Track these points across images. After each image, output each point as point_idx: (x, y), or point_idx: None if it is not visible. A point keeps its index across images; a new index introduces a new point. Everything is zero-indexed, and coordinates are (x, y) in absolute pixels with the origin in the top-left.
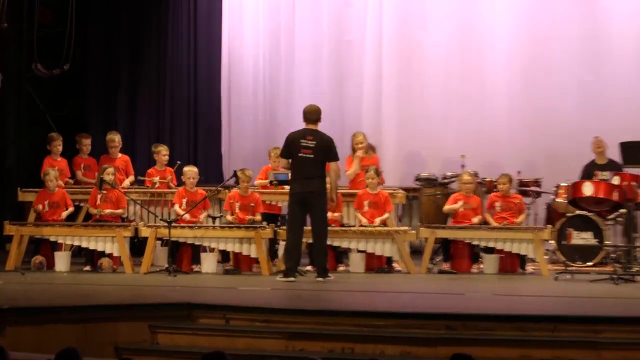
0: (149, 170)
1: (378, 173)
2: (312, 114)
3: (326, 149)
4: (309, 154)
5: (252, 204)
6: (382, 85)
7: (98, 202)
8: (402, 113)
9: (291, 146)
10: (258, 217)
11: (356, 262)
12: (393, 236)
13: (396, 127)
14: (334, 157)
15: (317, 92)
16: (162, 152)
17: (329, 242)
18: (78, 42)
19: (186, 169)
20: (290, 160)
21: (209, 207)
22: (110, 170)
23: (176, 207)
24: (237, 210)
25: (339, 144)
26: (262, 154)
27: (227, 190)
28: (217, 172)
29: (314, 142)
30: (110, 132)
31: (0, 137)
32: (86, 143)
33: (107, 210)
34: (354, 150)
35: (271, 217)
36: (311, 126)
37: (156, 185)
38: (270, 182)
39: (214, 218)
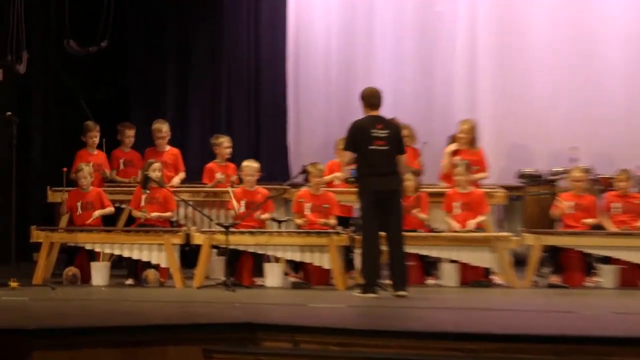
0: (209, 165)
1: (469, 169)
2: (374, 98)
3: (399, 139)
4: (382, 145)
5: (326, 205)
6: (476, 63)
7: (142, 203)
8: (501, 96)
9: (358, 137)
10: (332, 221)
11: (448, 274)
12: (491, 243)
13: (493, 114)
14: (403, 149)
15: (399, 72)
16: (224, 145)
17: (415, 251)
18: (117, 14)
19: (244, 164)
20: (356, 155)
21: (273, 209)
22: (157, 165)
23: (233, 210)
24: (307, 213)
25: (427, 134)
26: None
27: (295, 189)
28: (283, 168)
29: (387, 132)
30: (157, 120)
31: (24, 127)
32: (129, 134)
33: (154, 214)
34: (453, 140)
35: (343, 221)
36: (375, 112)
37: (219, 183)
38: (347, 180)
39: (279, 222)
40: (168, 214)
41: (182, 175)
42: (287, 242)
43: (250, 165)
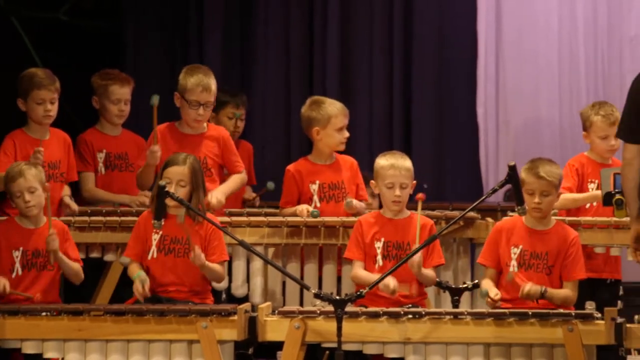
0: None
1: None
2: None
3: None
4: None
5: None
6: None
7: (154, 253)
8: None
9: None
10: None
11: None
12: None
13: None
14: None
15: None
16: None
17: None
18: None
19: None
20: None
21: None
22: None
23: None
24: None
25: None
26: None
27: None
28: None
29: None
30: (192, 68)
31: None
32: (121, 95)
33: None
34: None
35: None
36: None
37: None
38: None
39: None
40: (217, 268)
41: (235, 180)
42: None
43: None
